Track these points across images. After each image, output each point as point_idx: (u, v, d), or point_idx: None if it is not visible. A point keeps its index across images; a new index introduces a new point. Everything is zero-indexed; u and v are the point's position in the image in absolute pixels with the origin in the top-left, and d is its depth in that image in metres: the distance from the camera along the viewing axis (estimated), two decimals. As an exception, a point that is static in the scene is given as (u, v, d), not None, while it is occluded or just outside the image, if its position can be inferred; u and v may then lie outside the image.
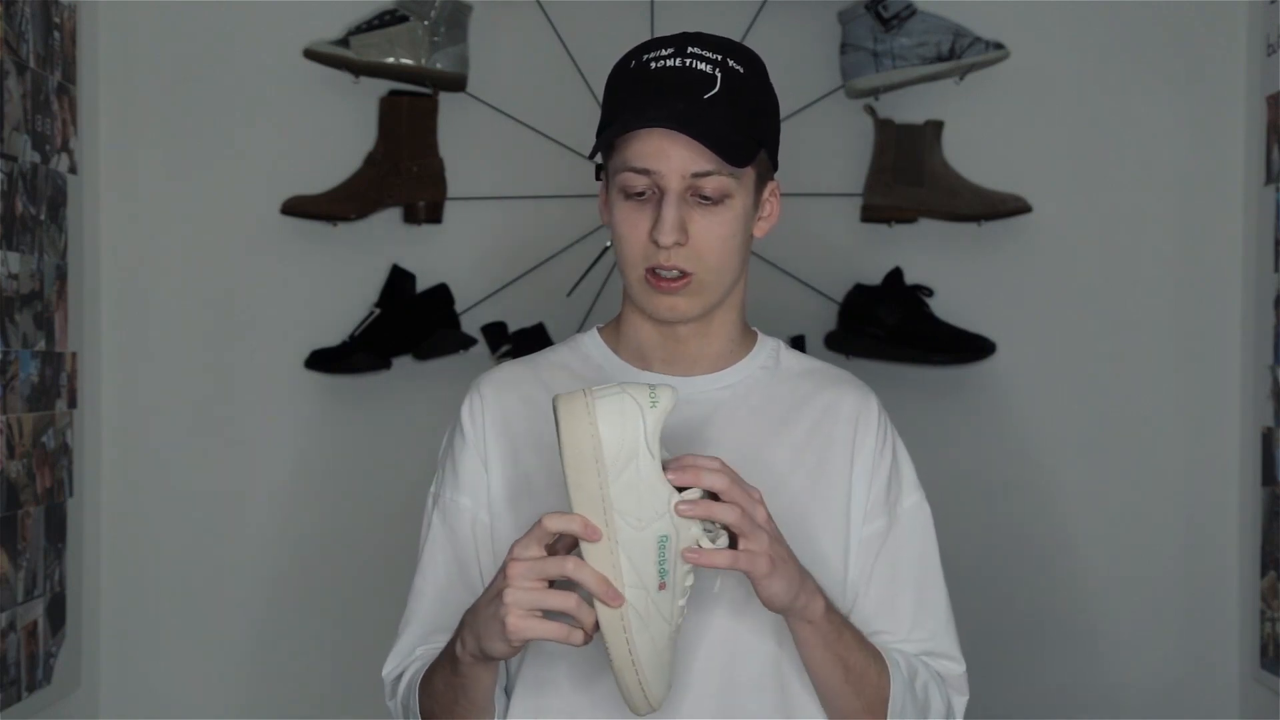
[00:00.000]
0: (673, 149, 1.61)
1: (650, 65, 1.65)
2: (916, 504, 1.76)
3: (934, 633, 1.73)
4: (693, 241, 1.63)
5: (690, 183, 1.63)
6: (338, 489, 2.98)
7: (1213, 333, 2.95)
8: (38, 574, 2.68)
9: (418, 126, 2.92)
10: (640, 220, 1.64)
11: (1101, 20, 2.94)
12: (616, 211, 1.66)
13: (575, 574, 1.45)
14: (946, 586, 1.76)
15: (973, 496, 2.95)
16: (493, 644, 1.50)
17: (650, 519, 1.44)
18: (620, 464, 1.43)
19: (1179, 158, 2.95)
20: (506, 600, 1.46)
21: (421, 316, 2.91)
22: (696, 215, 1.64)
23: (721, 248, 1.65)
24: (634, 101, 1.64)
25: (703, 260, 1.64)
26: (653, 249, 1.64)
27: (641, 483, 1.44)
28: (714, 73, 1.64)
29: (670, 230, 1.62)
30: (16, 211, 2.60)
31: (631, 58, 1.68)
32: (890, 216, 2.92)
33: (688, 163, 1.62)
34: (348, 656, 2.94)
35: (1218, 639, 2.93)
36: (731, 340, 1.75)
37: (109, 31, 2.94)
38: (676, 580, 1.47)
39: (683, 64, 1.64)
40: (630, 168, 1.63)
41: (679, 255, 1.63)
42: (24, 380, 2.62)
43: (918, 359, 2.90)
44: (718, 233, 1.64)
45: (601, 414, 1.44)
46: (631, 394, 1.45)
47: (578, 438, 1.43)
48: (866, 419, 1.74)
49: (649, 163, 1.62)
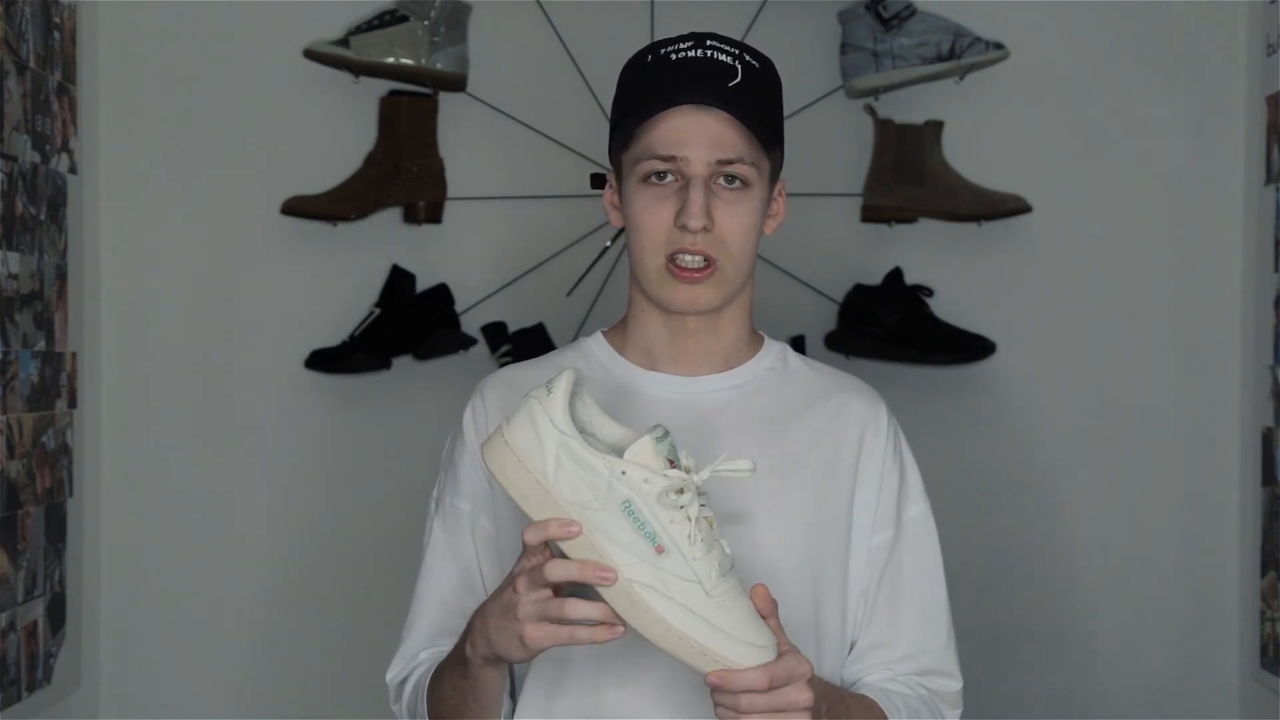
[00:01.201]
0: (700, 134, 1.62)
1: (671, 56, 1.65)
2: (922, 514, 1.75)
3: (934, 649, 1.73)
4: (718, 228, 1.63)
5: (715, 169, 1.63)
6: (338, 489, 2.97)
7: (1213, 333, 2.95)
8: (38, 574, 2.68)
9: (418, 126, 2.92)
10: (662, 207, 1.64)
11: (1101, 20, 2.95)
12: (636, 201, 1.65)
13: (556, 573, 1.44)
14: (948, 595, 1.76)
15: (973, 496, 2.94)
16: (510, 652, 1.50)
17: (603, 493, 1.43)
18: (548, 463, 1.44)
19: (1179, 158, 2.95)
20: (519, 615, 1.46)
21: (421, 316, 2.91)
22: (721, 202, 1.64)
23: (745, 236, 1.65)
24: (659, 88, 1.63)
25: (726, 247, 1.64)
26: (676, 235, 1.63)
27: (576, 467, 1.44)
28: (734, 64, 1.64)
29: (699, 214, 1.61)
30: (16, 211, 2.60)
31: (648, 53, 1.68)
32: (890, 216, 2.92)
33: (714, 149, 1.62)
34: (348, 656, 2.94)
35: (1218, 639, 2.93)
36: (739, 339, 1.75)
37: (109, 31, 2.94)
38: (676, 540, 1.43)
39: (704, 55, 1.64)
40: (655, 154, 1.63)
41: (704, 241, 1.63)
42: (24, 380, 2.62)
43: (918, 359, 2.90)
44: (742, 221, 1.65)
45: (511, 433, 1.46)
46: (531, 397, 1.47)
47: (505, 466, 1.46)
48: (876, 427, 1.74)
49: (675, 149, 1.62)
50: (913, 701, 1.69)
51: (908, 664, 1.72)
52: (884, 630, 1.71)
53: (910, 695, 1.70)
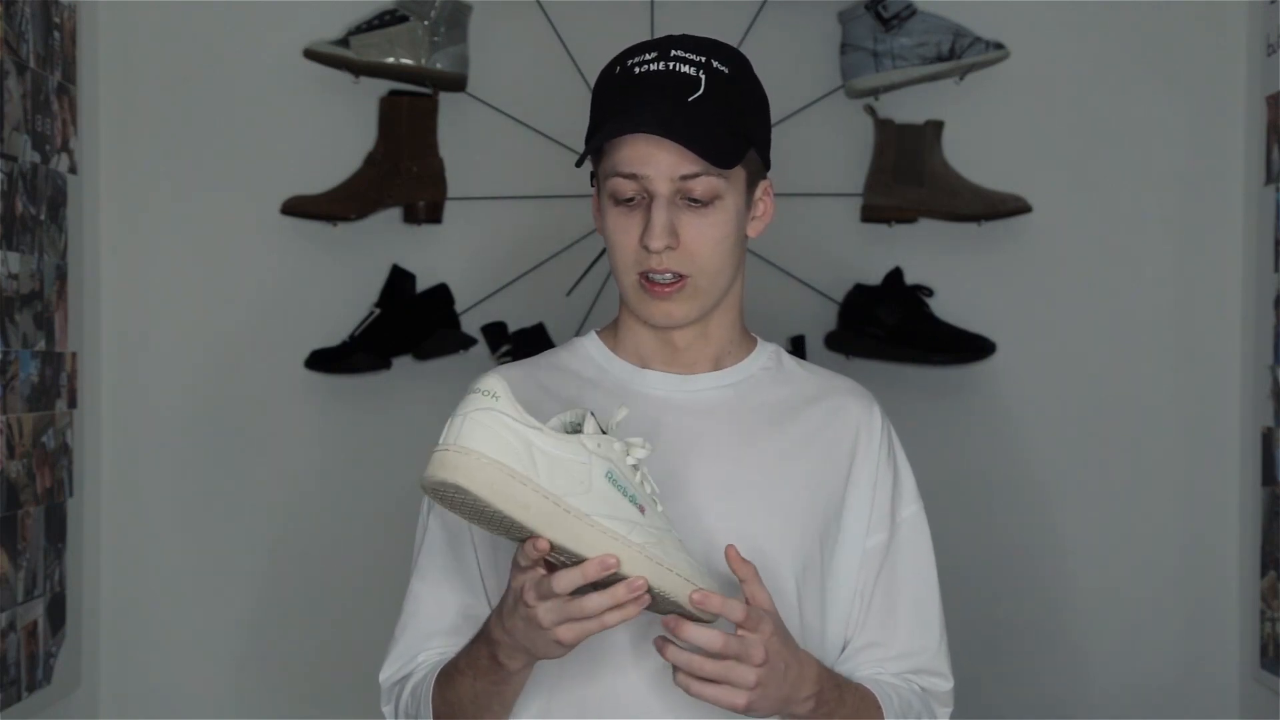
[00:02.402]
0: (659, 153, 1.61)
1: (634, 70, 1.64)
2: (915, 514, 1.76)
3: (928, 649, 1.74)
4: (684, 245, 1.63)
5: (679, 185, 1.62)
6: (337, 489, 2.97)
7: (1213, 333, 2.94)
8: (38, 574, 2.68)
9: (418, 126, 2.92)
10: (630, 226, 1.64)
11: (1101, 20, 2.94)
12: (607, 218, 1.66)
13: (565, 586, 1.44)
14: (940, 596, 1.77)
15: (973, 495, 2.95)
16: (551, 652, 1.51)
17: (585, 473, 1.44)
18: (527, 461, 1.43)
19: (1179, 158, 2.95)
20: (544, 624, 1.46)
21: (421, 316, 2.91)
22: (686, 218, 1.63)
23: (714, 249, 1.65)
24: (619, 107, 1.64)
25: (695, 262, 1.64)
26: (644, 254, 1.63)
27: (551, 456, 1.43)
28: (698, 74, 1.63)
29: (660, 234, 1.61)
30: (16, 211, 2.60)
31: (616, 64, 1.68)
32: (890, 216, 2.92)
33: (674, 166, 1.61)
34: (347, 656, 2.93)
35: (1218, 639, 2.93)
36: (730, 341, 1.75)
37: (109, 31, 2.94)
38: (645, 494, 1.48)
39: (666, 67, 1.63)
40: (618, 173, 1.63)
41: (671, 259, 1.63)
42: (24, 380, 2.62)
43: (918, 359, 2.90)
44: (709, 235, 1.64)
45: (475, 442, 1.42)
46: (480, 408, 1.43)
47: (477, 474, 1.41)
48: (870, 428, 1.75)
49: (636, 168, 1.62)
50: (906, 694, 1.71)
51: (901, 663, 1.73)
52: (878, 630, 1.73)
53: (904, 689, 1.71)
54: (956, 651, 1.80)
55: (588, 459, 1.45)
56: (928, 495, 1.80)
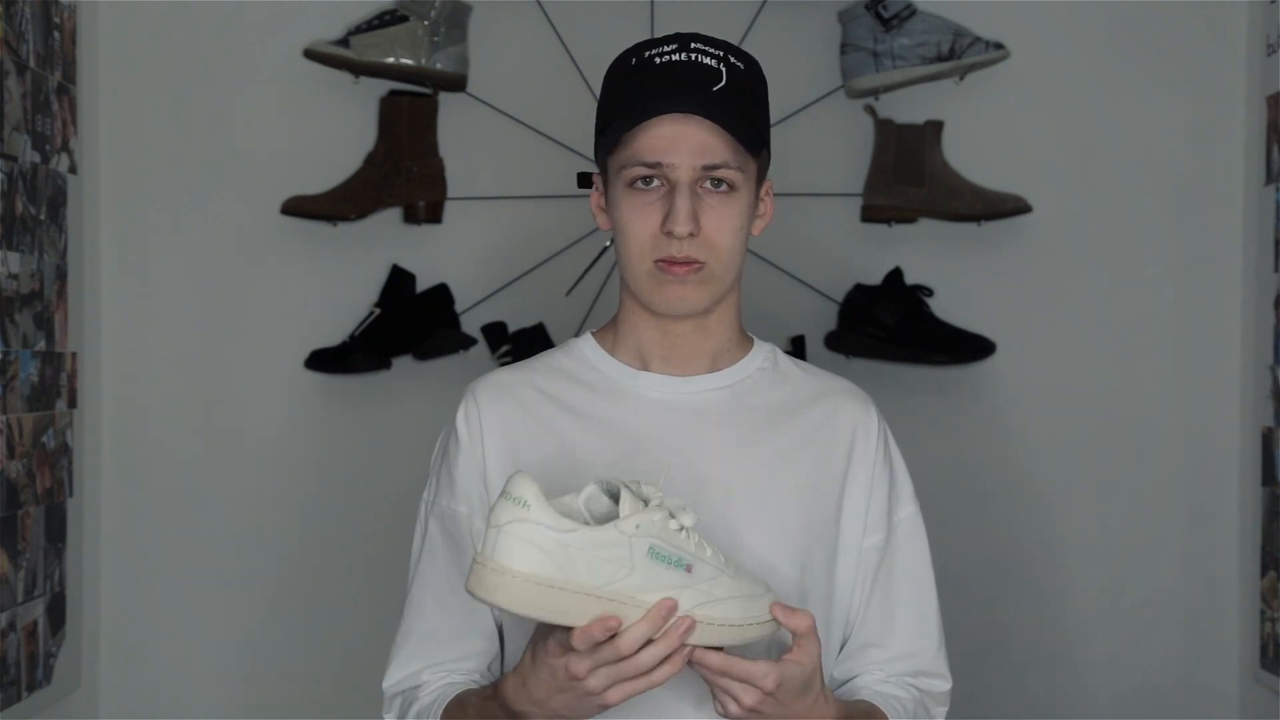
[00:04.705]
0: (684, 140, 1.62)
1: (655, 60, 1.65)
2: (912, 515, 1.76)
3: (927, 650, 1.75)
4: (705, 232, 1.63)
5: (700, 174, 1.63)
6: (337, 489, 2.97)
7: (1213, 333, 2.95)
8: (38, 574, 2.68)
9: (418, 126, 2.92)
10: (649, 213, 1.64)
11: (1101, 20, 2.95)
12: (623, 206, 1.66)
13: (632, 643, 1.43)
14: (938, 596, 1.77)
15: (973, 495, 2.95)
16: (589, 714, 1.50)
17: (628, 557, 1.43)
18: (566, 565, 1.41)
19: (1179, 158, 2.95)
20: (593, 689, 1.45)
21: (421, 316, 2.91)
22: (707, 206, 1.64)
23: (733, 238, 1.65)
24: (643, 94, 1.63)
25: (714, 250, 1.64)
26: (663, 241, 1.63)
27: (590, 548, 1.42)
28: (719, 66, 1.64)
29: (685, 219, 1.61)
30: (16, 211, 2.60)
31: (632, 55, 1.68)
32: (890, 216, 2.92)
33: (699, 154, 1.62)
34: (347, 656, 2.94)
35: (1218, 639, 2.93)
36: (729, 340, 1.75)
37: (109, 31, 2.94)
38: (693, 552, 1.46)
39: (688, 58, 1.64)
40: (641, 161, 1.63)
41: (692, 246, 1.63)
42: (24, 380, 2.62)
43: (917, 359, 2.90)
44: (729, 224, 1.64)
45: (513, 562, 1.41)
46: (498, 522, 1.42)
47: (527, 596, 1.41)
48: (866, 430, 1.75)
49: (660, 155, 1.62)
50: (909, 704, 1.71)
51: (900, 664, 1.73)
52: (876, 631, 1.73)
53: (907, 698, 1.72)
54: (955, 652, 1.80)
55: (628, 546, 1.43)
56: (927, 495, 1.81)
